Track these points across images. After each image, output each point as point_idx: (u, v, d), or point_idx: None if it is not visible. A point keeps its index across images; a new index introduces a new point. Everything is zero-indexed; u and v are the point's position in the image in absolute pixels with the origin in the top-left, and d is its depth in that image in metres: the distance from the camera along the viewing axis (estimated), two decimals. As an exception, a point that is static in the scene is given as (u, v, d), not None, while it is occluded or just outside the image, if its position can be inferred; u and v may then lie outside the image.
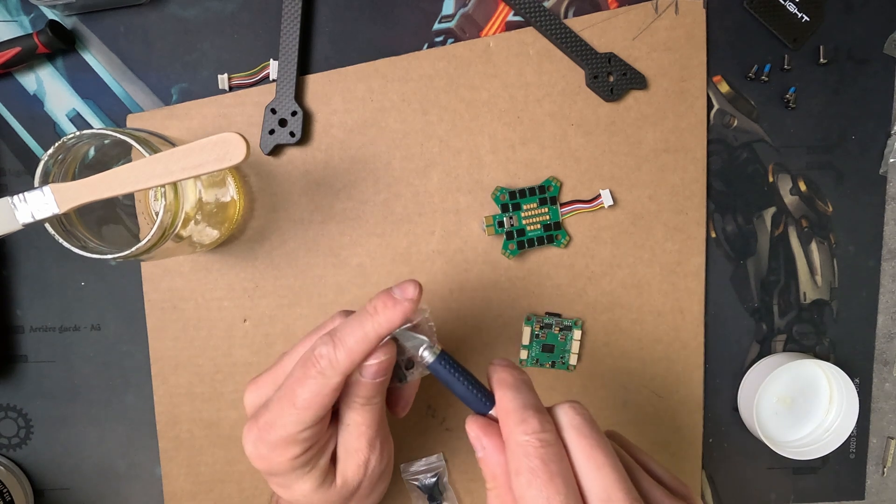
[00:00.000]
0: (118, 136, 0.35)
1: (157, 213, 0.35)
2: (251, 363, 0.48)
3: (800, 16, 0.48)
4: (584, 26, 0.47)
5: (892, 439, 0.52)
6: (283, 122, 0.45)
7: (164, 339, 0.47)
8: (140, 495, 0.49)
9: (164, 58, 0.46)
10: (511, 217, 0.47)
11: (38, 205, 0.33)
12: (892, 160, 0.49)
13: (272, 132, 0.46)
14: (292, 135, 0.46)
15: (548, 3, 0.47)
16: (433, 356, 0.31)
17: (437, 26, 0.47)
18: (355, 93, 0.46)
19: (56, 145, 0.34)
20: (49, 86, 0.46)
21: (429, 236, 0.47)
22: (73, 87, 0.46)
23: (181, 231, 0.37)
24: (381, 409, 0.34)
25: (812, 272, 0.50)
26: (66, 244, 0.35)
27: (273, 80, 0.46)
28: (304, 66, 0.47)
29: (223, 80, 0.46)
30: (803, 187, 0.49)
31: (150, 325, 0.47)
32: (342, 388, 0.32)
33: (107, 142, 0.37)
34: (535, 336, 0.48)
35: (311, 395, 0.30)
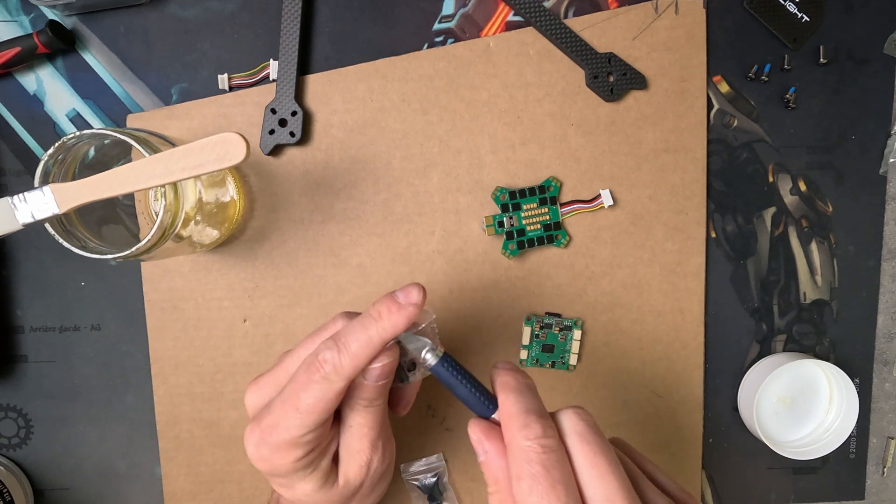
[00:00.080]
0: (118, 136, 0.35)
1: (157, 213, 0.35)
2: (251, 363, 0.48)
3: (800, 16, 0.48)
4: (584, 26, 0.47)
5: (892, 439, 0.52)
6: (283, 122, 0.45)
7: (164, 339, 0.47)
8: (140, 495, 0.49)
9: (164, 58, 0.46)
10: (511, 217, 0.47)
11: (38, 205, 0.33)
12: (892, 160, 0.49)
13: (272, 132, 0.46)
14: (292, 135, 0.46)
15: (548, 3, 0.47)
16: (436, 359, 0.31)
17: (437, 26, 0.47)
18: (355, 93, 0.46)
19: (56, 145, 0.34)
20: (49, 86, 0.46)
21: (429, 236, 0.47)
22: (73, 87, 0.46)
23: (181, 231, 0.37)
24: (383, 410, 0.34)
25: (812, 272, 0.50)
26: (66, 244, 0.35)
27: (273, 80, 0.46)
28: (304, 66, 0.47)
29: (223, 80, 0.46)
30: (803, 187, 0.49)
31: (150, 325, 0.47)
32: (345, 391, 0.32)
33: (107, 142, 0.37)
34: (535, 336, 0.48)
35: (314, 400, 0.30)
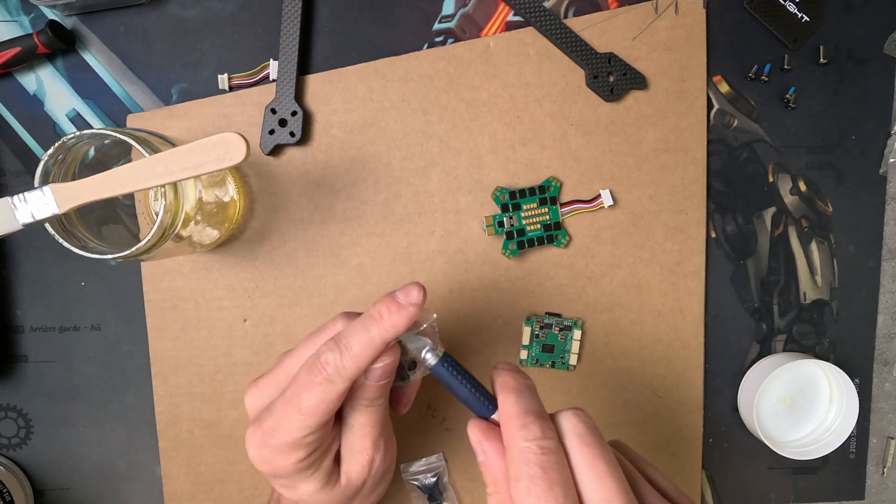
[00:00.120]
0: (118, 136, 0.35)
1: (157, 213, 0.35)
2: (251, 363, 0.48)
3: (800, 16, 0.48)
4: (584, 26, 0.47)
5: (892, 439, 0.52)
6: (283, 122, 0.45)
7: (164, 339, 0.47)
8: (140, 495, 0.49)
9: (164, 58, 0.46)
10: (511, 217, 0.47)
11: (38, 205, 0.33)
12: (892, 160, 0.49)
13: (272, 132, 0.46)
14: (292, 135, 0.46)
15: (548, 3, 0.47)
16: (436, 359, 0.31)
17: (437, 26, 0.47)
18: (355, 93, 0.46)
19: (56, 145, 0.34)
20: (49, 86, 0.46)
21: (429, 236, 0.47)
22: (73, 87, 0.46)
23: (181, 231, 0.37)
24: (384, 409, 0.34)
25: (812, 272, 0.50)
26: (66, 244, 0.35)
27: (273, 80, 0.46)
28: (304, 66, 0.47)
29: (223, 80, 0.46)
30: (803, 187, 0.49)
31: (150, 325, 0.47)
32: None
33: (107, 142, 0.37)
34: (535, 336, 0.48)
35: (317, 401, 0.30)
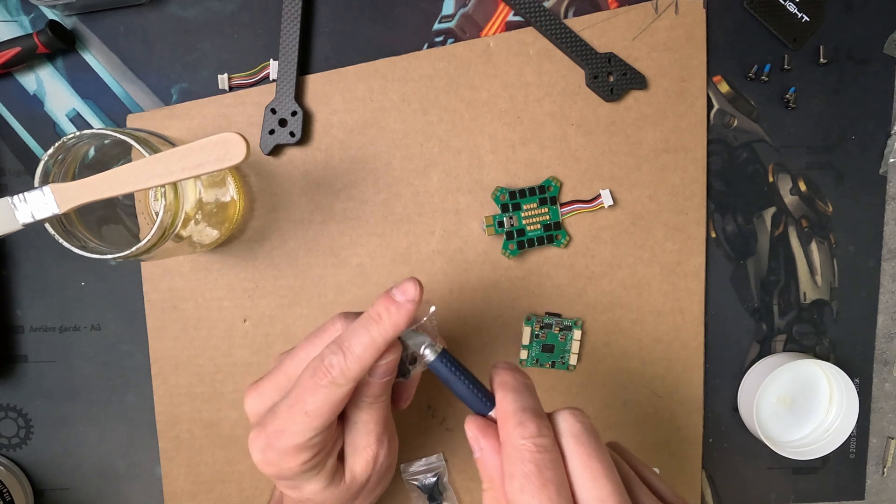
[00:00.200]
0: (118, 136, 0.35)
1: (157, 213, 0.35)
2: (251, 363, 0.48)
3: (800, 16, 0.48)
4: (584, 26, 0.47)
5: (892, 439, 0.52)
6: (283, 122, 0.45)
7: (164, 339, 0.47)
8: (140, 495, 0.49)
9: (164, 58, 0.46)
10: (511, 217, 0.47)
11: (38, 205, 0.33)
12: (892, 160, 0.49)
13: (272, 132, 0.46)
14: (292, 135, 0.46)
15: (548, 3, 0.47)
16: (434, 354, 0.31)
17: (437, 26, 0.47)
18: (355, 93, 0.46)
19: (56, 145, 0.34)
20: (49, 86, 0.46)
21: (429, 236, 0.47)
22: (73, 87, 0.46)
23: (181, 231, 0.37)
24: (387, 406, 0.34)
25: (812, 272, 0.50)
26: (66, 244, 0.35)
27: (273, 80, 0.46)
28: (304, 66, 0.47)
29: (223, 80, 0.46)
30: (803, 187, 0.49)
31: (150, 325, 0.47)
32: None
33: (107, 142, 0.37)
34: (535, 336, 0.48)
35: (322, 404, 0.30)
